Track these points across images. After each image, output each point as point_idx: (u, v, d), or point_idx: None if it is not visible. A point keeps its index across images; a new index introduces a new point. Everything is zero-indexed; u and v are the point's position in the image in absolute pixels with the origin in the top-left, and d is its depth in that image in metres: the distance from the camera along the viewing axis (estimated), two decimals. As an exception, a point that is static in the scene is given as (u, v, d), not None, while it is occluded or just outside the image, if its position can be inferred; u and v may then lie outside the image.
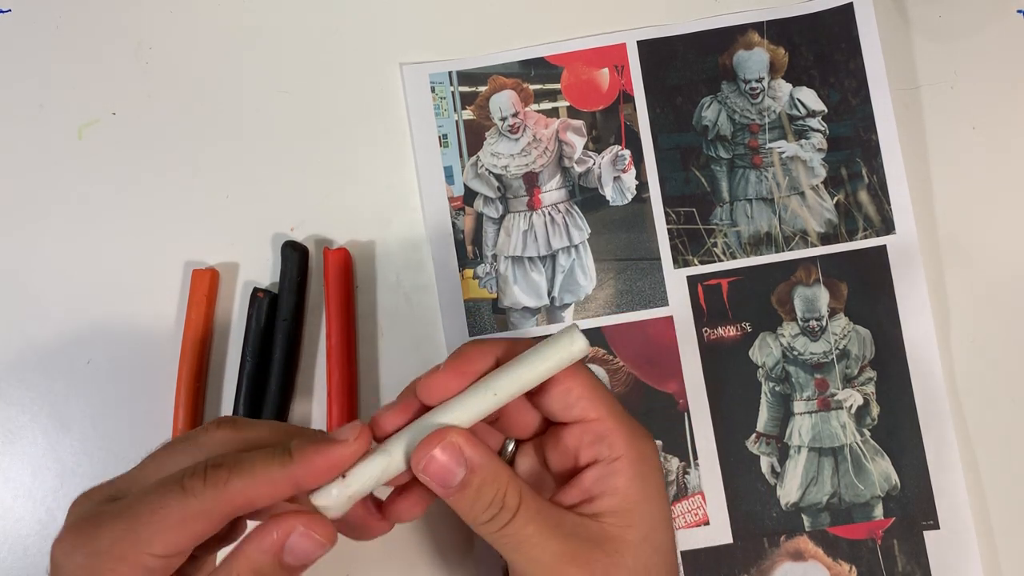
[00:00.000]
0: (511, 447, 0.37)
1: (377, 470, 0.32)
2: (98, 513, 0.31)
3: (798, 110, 0.47)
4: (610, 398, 0.35)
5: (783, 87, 0.47)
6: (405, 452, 0.32)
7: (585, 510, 0.34)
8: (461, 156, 0.47)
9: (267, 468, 0.31)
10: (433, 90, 0.47)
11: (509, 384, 0.33)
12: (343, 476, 0.32)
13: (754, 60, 0.47)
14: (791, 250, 0.46)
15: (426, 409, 0.33)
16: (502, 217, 0.47)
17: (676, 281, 0.46)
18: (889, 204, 0.46)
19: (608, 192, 0.47)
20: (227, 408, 0.45)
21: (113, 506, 0.31)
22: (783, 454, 0.45)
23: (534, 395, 0.35)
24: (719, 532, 0.45)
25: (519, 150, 0.47)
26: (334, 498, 0.32)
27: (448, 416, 0.32)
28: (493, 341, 0.34)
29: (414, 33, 0.48)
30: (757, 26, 0.48)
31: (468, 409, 0.32)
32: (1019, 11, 0.48)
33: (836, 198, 0.47)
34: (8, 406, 0.46)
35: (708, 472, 0.45)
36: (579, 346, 0.33)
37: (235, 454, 0.31)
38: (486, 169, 0.47)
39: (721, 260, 0.46)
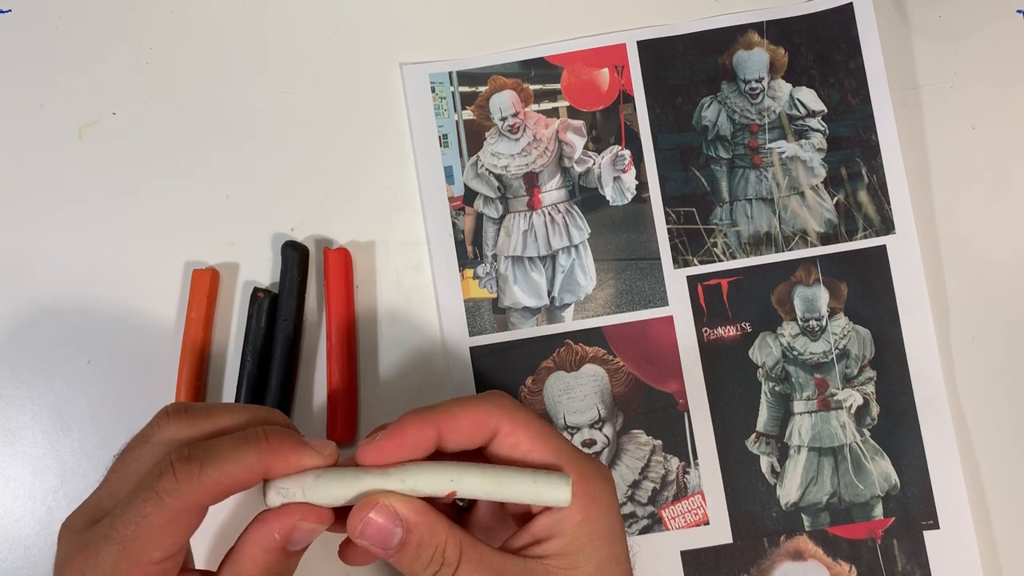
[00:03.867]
0: None
1: (343, 493, 0.33)
2: (88, 543, 0.31)
3: (798, 110, 0.47)
4: (558, 442, 0.35)
5: (783, 87, 0.47)
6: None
7: (533, 552, 0.34)
8: (461, 156, 0.47)
9: (242, 455, 0.31)
10: (433, 90, 0.47)
11: (472, 487, 0.33)
12: (313, 480, 0.32)
13: (754, 60, 0.47)
14: (791, 250, 0.46)
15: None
16: (502, 217, 0.47)
17: (676, 281, 0.46)
18: (889, 204, 0.46)
19: (608, 192, 0.47)
20: (227, 408, 0.45)
21: (98, 529, 0.31)
22: (783, 454, 0.45)
23: (483, 448, 0.35)
24: (719, 532, 0.45)
25: (519, 150, 0.47)
26: (290, 498, 0.32)
27: (402, 480, 0.33)
28: (431, 412, 0.34)
29: (414, 33, 0.48)
30: (757, 26, 0.48)
31: (426, 483, 0.33)
32: (1019, 11, 0.48)
33: (836, 198, 0.47)
34: (8, 406, 0.46)
35: (708, 472, 0.45)
36: (565, 498, 0.33)
37: (204, 444, 0.31)
38: (486, 169, 0.47)
39: (721, 260, 0.46)
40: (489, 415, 0.34)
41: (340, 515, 0.33)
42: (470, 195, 0.47)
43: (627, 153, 0.47)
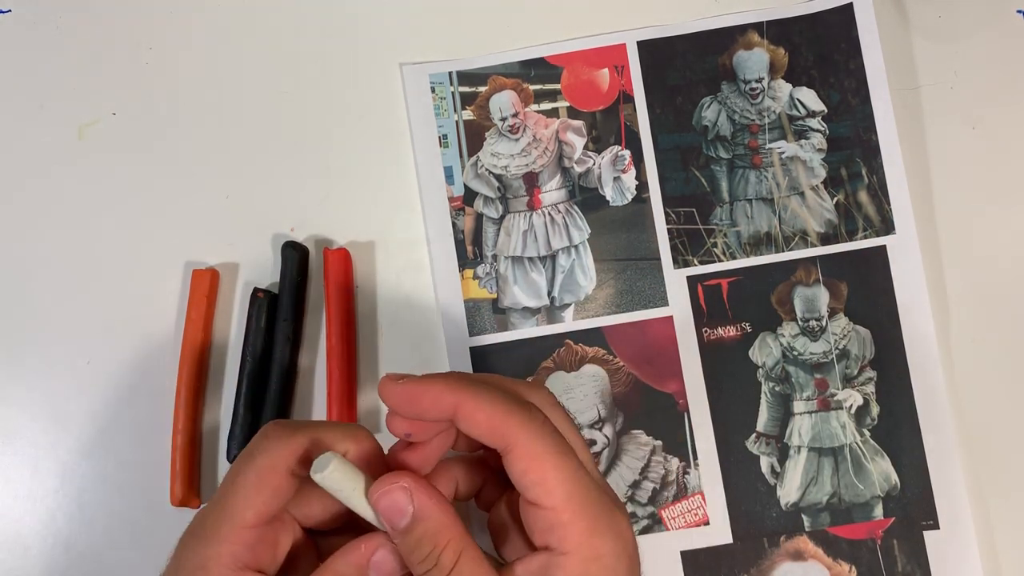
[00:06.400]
0: None
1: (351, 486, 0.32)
2: (203, 507, 0.33)
3: (798, 110, 0.47)
4: (572, 483, 0.31)
5: (783, 87, 0.47)
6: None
7: None
8: (461, 156, 0.47)
9: (330, 429, 0.33)
10: (433, 90, 0.47)
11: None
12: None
13: (754, 60, 0.47)
14: (791, 250, 0.46)
15: None
16: (502, 217, 0.47)
17: (676, 281, 0.46)
18: (889, 204, 0.46)
19: (608, 192, 0.47)
20: (227, 408, 0.45)
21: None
22: (783, 454, 0.45)
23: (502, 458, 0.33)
24: (719, 532, 0.45)
25: (519, 150, 0.47)
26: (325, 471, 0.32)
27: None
28: (459, 384, 0.32)
29: (414, 33, 0.48)
30: (757, 26, 0.48)
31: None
32: (1019, 11, 0.48)
33: (836, 198, 0.47)
34: (8, 406, 0.46)
35: (708, 472, 0.45)
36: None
37: (297, 420, 0.34)
38: (486, 169, 0.47)
39: (721, 260, 0.46)
40: (506, 424, 0.31)
41: None
42: (470, 195, 0.47)
43: (627, 153, 0.47)
